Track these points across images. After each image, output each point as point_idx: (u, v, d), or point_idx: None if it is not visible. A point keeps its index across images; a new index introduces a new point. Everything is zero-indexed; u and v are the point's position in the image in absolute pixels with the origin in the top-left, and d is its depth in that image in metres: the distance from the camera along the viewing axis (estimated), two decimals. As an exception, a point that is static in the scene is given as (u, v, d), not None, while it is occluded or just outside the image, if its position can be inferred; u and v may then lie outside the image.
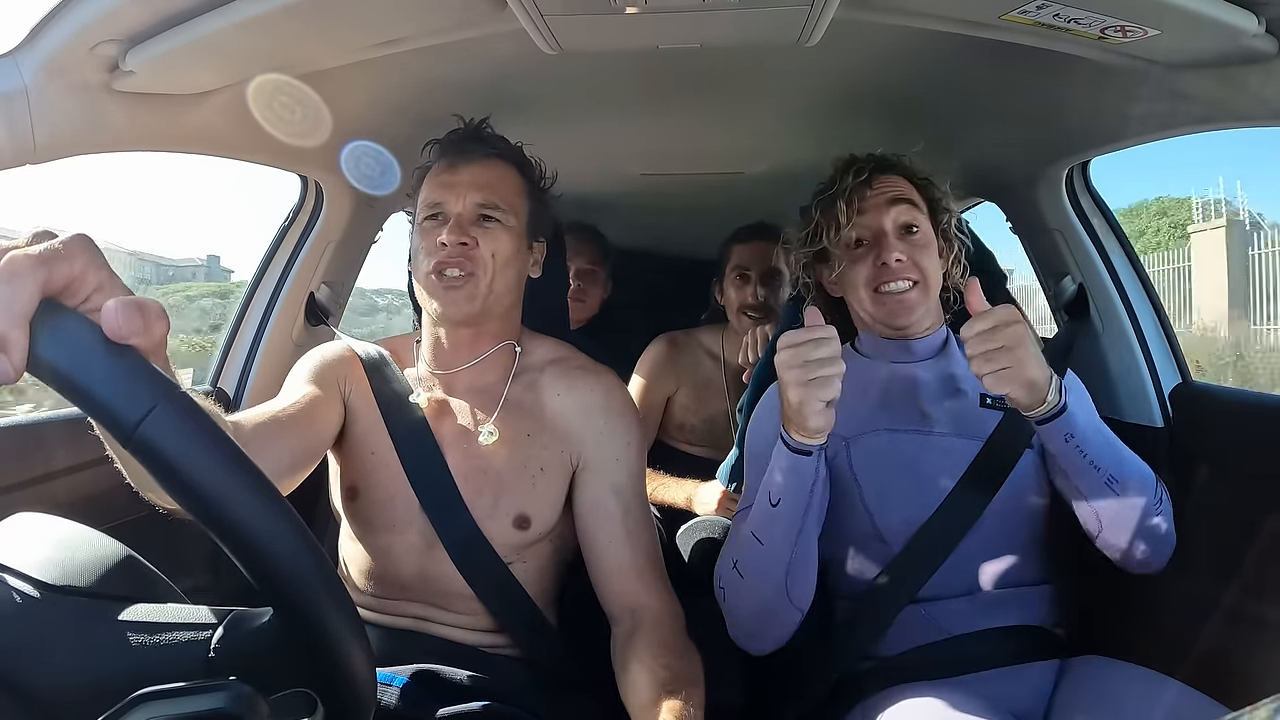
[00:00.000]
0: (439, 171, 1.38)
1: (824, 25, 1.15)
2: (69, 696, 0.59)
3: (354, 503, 1.34)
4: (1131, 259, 1.79)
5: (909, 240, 1.41)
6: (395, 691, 1.18)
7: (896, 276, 1.39)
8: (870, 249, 1.41)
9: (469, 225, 1.32)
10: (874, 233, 1.42)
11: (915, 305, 1.40)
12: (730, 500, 2.03)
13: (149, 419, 0.50)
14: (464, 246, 1.31)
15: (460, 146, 1.39)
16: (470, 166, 1.36)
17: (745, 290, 2.32)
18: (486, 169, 1.37)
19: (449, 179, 1.36)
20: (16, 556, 0.64)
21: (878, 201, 1.43)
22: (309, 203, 1.93)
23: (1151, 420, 1.69)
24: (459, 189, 1.34)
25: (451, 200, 1.34)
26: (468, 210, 1.33)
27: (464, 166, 1.36)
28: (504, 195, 1.36)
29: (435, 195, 1.35)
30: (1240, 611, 1.39)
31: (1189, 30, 1.06)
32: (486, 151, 1.39)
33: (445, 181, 1.36)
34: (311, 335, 1.98)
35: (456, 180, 1.35)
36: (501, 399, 1.37)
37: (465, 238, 1.31)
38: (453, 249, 1.30)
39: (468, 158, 1.37)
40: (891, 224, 1.41)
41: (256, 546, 0.53)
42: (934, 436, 1.38)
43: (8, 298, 0.48)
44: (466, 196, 1.33)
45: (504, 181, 1.38)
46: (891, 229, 1.41)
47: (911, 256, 1.39)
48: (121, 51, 1.10)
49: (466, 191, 1.34)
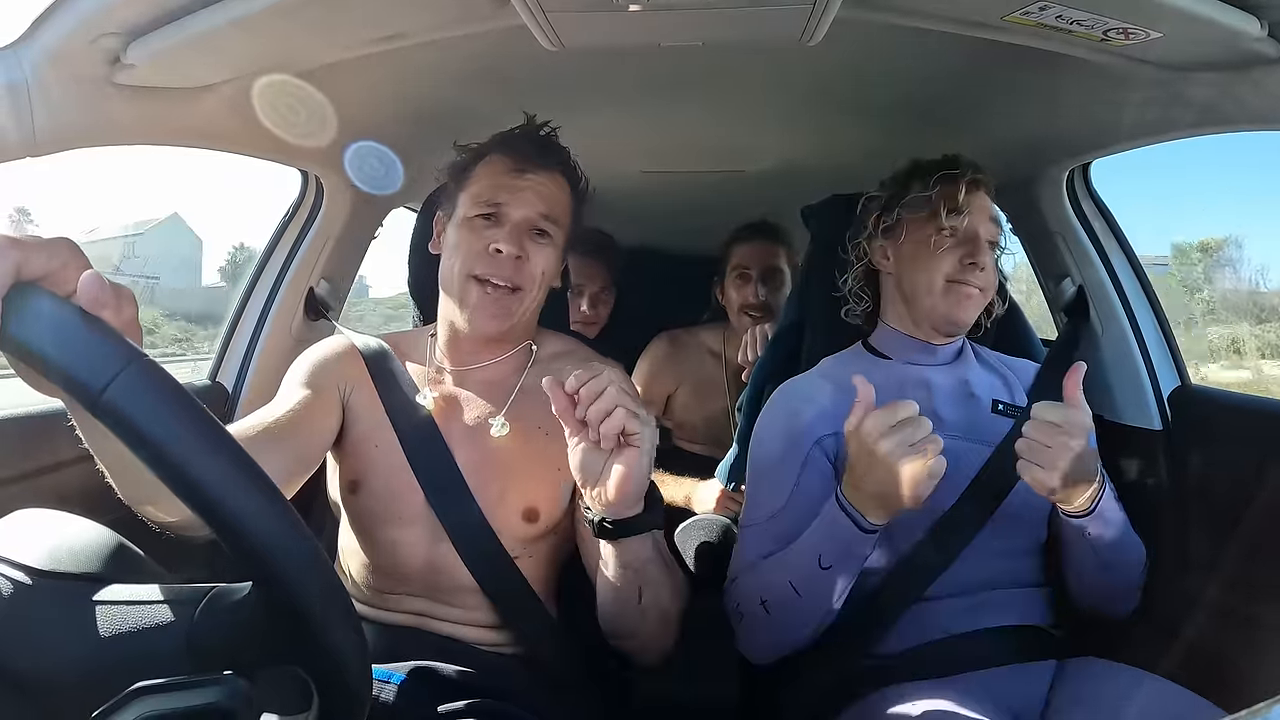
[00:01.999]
0: (503, 170, 1.33)
1: (826, 24, 1.15)
2: (54, 677, 0.59)
3: (356, 496, 1.33)
4: (1131, 261, 1.79)
5: (991, 255, 1.43)
6: (394, 688, 1.17)
7: (977, 281, 1.40)
8: (960, 246, 1.41)
9: (526, 238, 1.30)
10: (969, 233, 1.42)
11: (977, 308, 1.43)
12: (729, 499, 2.03)
13: (115, 383, 0.51)
14: (518, 261, 1.29)
15: (529, 151, 1.35)
16: (538, 174, 1.33)
17: (746, 290, 2.32)
18: (551, 181, 1.35)
19: (513, 181, 1.32)
20: (12, 548, 0.64)
21: (981, 207, 1.44)
22: (309, 198, 1.93)
23: (1150, 423, 1.69)
24: (523, 195, 1.31)
25: (514, 205, 1.30)
26: (528, 219, 1.31)
27: (532, 173, 1.33)
28: (559, 211, 1.34)
29: (496, 194, 1.31)
30: (1238, 614, 1.39)
31: (1191, 33, 1.06)
32: (553, 163, 1.36)
33: (509, 184, 1.32)
34: (311, 330, 1.97)
35: (522, 185, 1.32)
36: (514, 392, 1.36)
37: (521, 251, 1.29)
38: (507, 259, 1.28)
39: (536, 165, 1.33)
40: (986, 234, 1.43)
41: (227, 510, 0.53)
42: (944, 439, 1.39)
43: None
44: (530, 205, 1.31)
45: (563, 196, 1.36)
46: (986, 237, 1.43)
47: (988, 269, 1.41)
48: (123, 45, 1.09)
49: (530, 199, 1.31)
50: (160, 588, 0.64)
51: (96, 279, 0.54)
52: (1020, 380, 1.49)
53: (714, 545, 1.91)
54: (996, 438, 1.39)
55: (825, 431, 1.40)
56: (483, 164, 1.36)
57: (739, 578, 1.37)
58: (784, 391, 1.50)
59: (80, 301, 0.53)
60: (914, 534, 1.35)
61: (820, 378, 1.50)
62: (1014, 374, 1.50)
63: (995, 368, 1.50)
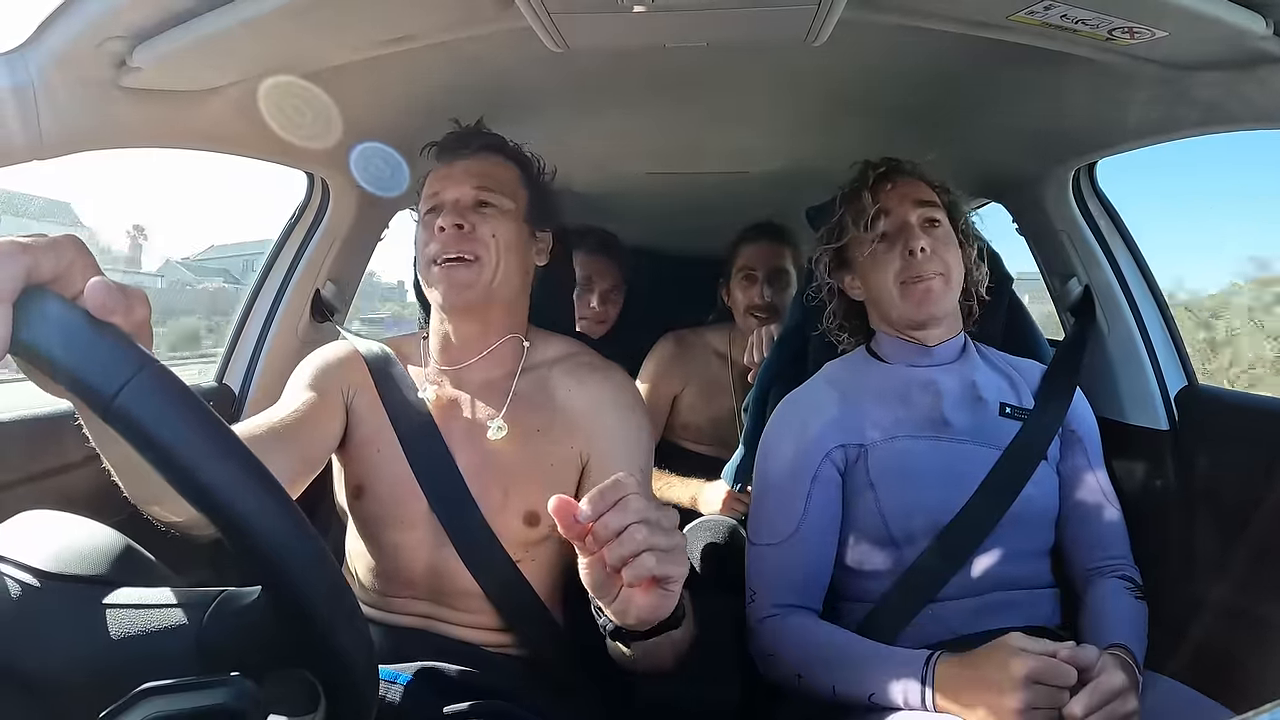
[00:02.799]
0: (437, 168, 1.41)
1: (831, 24, 1.14)
2: (63, 680, 0.59)
3: (361, 501, 1.34)
4: (1138, 261, 1.78)
5: (932, 234, 1.42)
6: (399, 689, 1.17)
7: (924, 267, 1.40)
8: (896, 242, 1.42)
9: (466, 211, 1.34)
10: (898, 227, 1.43)
11: (941, 296, 1.41)
12: (735, 500, 2.02)
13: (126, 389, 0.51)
14: (460, 229, 1.32)
15: (455, 144, 1.43)
16: (465, 160, 1.39)
17: (752, 291, 2.32)
18: (481, 161, 1.40)
19: (445, 172, 1.39)
20: (19, 550, 0.64)
21: (901, 198, 1.45)
22: (315, 200, 1.93)
23: (1157, 423, 1.68)
24: (455, 179, 1.37)
25: (448, 189, 1.36)
26: (465, 197, 1.35)
27: (460, 161, 1.40)
28: (500, 183, 1.38)
29: (433, 187, 1.38)
30: (1246, 615, 1.39)
31: (1197, 32, 1.06)
32: (480, 145, 1.42)
33: (442, 175, 1.39)
34: (317, 332, 1.98)
35: (452, 172, 1.38)
36: (510, 394, 1.37)
37: (462, 221, 1.32)
38: (451, 232, 1.32)
39: (463, 153, 1.41)
40: (916, 218, 1.43)
41: (235, 513, 0.53)
42: (953, 443, 1.39)
43: None
44: (461, 185, 1.36)
45: (500, 171, 1.41)
46: (916, 222, 1.43)
47: (936, 250, 1.41)
48: (128, 48, 1.10)
49: (461, 180, 1.36)
50: (171, 591, 0.64)
51: (103, 285, 0.54)
52: (1027, 381, 1.49)
53: (720, 546, 1.91)
54: (1004, 441, 1.39)
55: (834, 444, 1.40)
56: (430, 173, 1.43)
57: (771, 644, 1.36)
58: (791, 402, 1.50)
59: (90, 306, 0.53)
60: (923, 539, 1.35)
61: (827, 384, 1.50)
62: (1020, 375, 1.50)
63: (1001, 369, 1.50)
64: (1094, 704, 1.03)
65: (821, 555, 1.40)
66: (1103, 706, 1.03)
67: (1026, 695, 1.03)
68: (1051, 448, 1.43)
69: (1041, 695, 1.03)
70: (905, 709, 1.15)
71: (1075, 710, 1.03)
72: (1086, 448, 1.46)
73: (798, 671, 1.30)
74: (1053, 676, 1.04)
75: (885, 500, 1.37)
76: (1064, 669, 1.04)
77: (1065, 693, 1.04)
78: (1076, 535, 1.43)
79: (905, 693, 1.15)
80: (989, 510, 1.34)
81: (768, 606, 1.38)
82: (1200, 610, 1.43)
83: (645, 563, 0.78)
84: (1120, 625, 1.31)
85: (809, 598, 1.39)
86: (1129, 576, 1.39)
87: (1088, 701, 1.03)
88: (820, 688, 1.26)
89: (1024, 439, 1.40)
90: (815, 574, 1.40)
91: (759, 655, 1.37)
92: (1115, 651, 1.18)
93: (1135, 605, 1.35)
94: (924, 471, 1.37)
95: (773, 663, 1.34)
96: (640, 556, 0.78)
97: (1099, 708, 1.03)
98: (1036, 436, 1.40)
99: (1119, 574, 1.39)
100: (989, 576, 1.34)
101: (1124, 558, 1.43)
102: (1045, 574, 1.41)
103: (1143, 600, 1.36)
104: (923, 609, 1.33)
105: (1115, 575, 1.39)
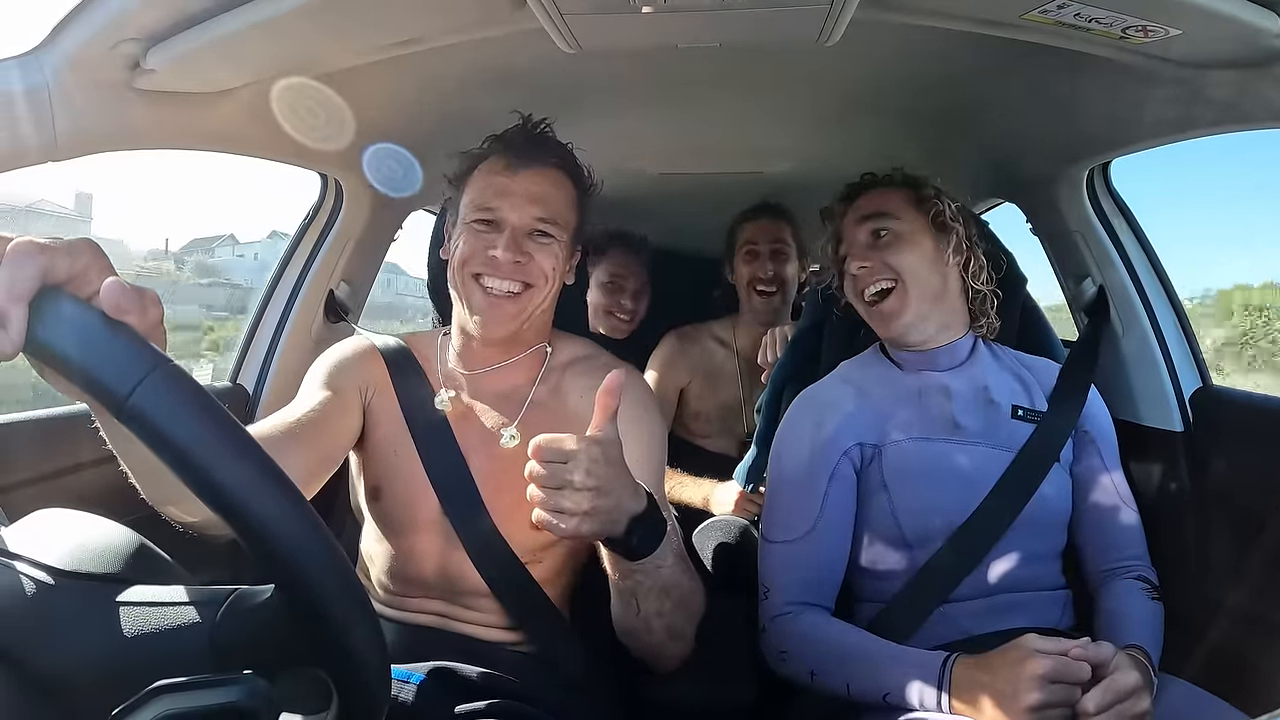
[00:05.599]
0: (495, 172, 1.34)
1: (843, 25, 1.14)
2: (76, 677, 0.60)
3: (377, 503, 1.34)
4: (1153, 261, 1.77)
5: (877, 245, 1.44)
6: (413, 688, 1.17)
7: (869, 281, 1.43)
8: (853, 261, 1.46)
9: (524, 240, 1.30)
10: (851, 243, 1.47)
11: (898, 309, 1.42)
12: (748, 501, 2.02)
13: (140, 388, 0.52)
14: (518, 265, 1.29)
15: (522, 149, 1.35)
16: (529, 174, 1.33)
17: (755, 265, 2.40)
18: (545, 179, 1.34)
19: (506, 184, 1.32)
20: (34, 548, 0.65)
21: (853, 219, 1.48)
22: (329, 201, 1.94)
23: (1171, 424, 1.67)
24: (515, 199, 1.31)
25: (507, 209, 1.30)
26: (524, 224, 1.31)
27: (524, 173, 1.32)
28: (559, 209, 1.34)
29: (490, 200, 1.32)
30: (1262, 618, 1.38)
31: (1210, 30, 1.05)
32: (547, 160, 1.36)
33: (502, 187, 1.32)
34: (331, 332, 1.99)
35: (514, 188, 1.31)
36: (527, 402, 1.36)
37: (520, 255, 1.29)
38: (507, 264, 1.28)
39: (528, 164, 1.33)
40: (862, 235, 1.45)
41: (250, 513, 0.53)
42: (965, 446, 1.39)
43: (9, 278, 0.52)
44: (524, 209, 1.30)
45: (560, 193, 1.35)
46: (862, 239, 1.45)
47: (881, 259, 1.42)
48: (142, 50, 1.10)
49: (524, 204, 1.30)
50: (185, 589, 0.65)
51: (118, 286, 0.54)
52: (1039, 382, 1.48)
53: (732, 547, 1.90)
54: (1017, 443, 1.39)
55: (851, 441, 1.40)
56: (480, 167, 1.36)
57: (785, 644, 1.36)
58: (806, 399, 1.50)
59: (105, 306, 0.53)
60: (936, 540, 1.34)
61: (842, 381, 1.50)
62: (1033, 375, 1.49)
63: (1013, 369, 1.49)
64: (1106, 701, 1.03)
65: (836, 553, 1.40)
66: (1115, 704, 1.03)
67: (1042, 695, 1.03)
68: (1065, 450, 1.42)
69: (1056, 692, 1.03)
70: (921, 710, 1.15)
71: (1088, 706, 1.03)
72: (1101, 449, 1.45)
73: (811, 669, 1.30)
74: (1067, 674, 1.04)
75: (899, 501, 1.37)
76: (1078, 665, 1.05)
77: (1078, 689, 1.04)
78: (1092, 536, 1.43)
79: (921, 694, 1.15)
80: (1002, 512, 1.34)
81: (781, 604, 1.38)
82: (1215, 612, 1.42)
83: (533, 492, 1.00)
84: (1136, 626, 1.31)
85: (823, 596, 1.39)
86: (1145, 577, 1.39)
87: (1100, 699, 1.03)
88: (834, 686, 1.26)
89: (1037, 441, 1.39)
90: (829, 572, 1.40)
91: (772, 653, 1.37)
92: (1130, 652, 1.17)
93: (1151, 606, 1.34)
94: (937, 473, 1.37)
95: (785, 660, 1.34)
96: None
97: (1111, 705, 1.03)
98: (1050, 439, 1.39)
99: (1135, 575, 1.39)
100: (1001, 578, 1.34)
101: (1140, 559, 1.42)
102: (1057, 576, 1.40)
103: (1159, 601, 1.35)
104: (934, 610, 1.33)
105: (1131, 576, 1.38)
